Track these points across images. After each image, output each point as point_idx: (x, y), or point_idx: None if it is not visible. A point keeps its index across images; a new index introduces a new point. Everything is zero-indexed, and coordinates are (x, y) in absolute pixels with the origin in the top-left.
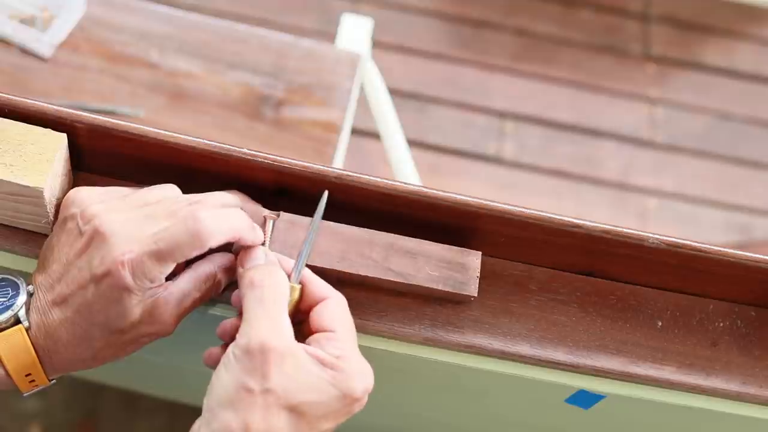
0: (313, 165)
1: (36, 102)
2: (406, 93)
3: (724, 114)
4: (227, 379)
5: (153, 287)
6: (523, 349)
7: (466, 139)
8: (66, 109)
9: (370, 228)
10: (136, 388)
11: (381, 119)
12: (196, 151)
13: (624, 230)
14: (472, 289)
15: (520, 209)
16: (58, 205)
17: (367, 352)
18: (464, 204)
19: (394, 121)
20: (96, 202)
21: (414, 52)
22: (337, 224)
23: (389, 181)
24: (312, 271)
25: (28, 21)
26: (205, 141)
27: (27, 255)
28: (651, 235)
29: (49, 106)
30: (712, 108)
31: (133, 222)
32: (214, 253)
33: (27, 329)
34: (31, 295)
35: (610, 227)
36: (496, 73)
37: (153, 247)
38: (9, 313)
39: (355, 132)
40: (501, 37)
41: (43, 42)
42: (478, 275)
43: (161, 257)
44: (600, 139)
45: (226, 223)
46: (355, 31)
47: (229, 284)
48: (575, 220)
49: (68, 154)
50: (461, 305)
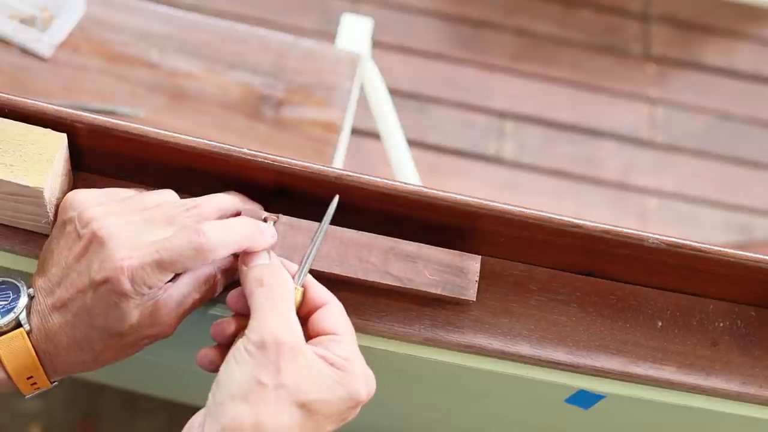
0: (313, 165)
1: (36, 102)
2: (406, 93)
3: (724, 114)
4: (240, 373)
5: (152, 292)
6: (523, 349)
7: (466, 139)
8: (66, 109)
9: (370, 228)
10: (135, 388)
11: (381, 119)
12: (196, 151)
13: (624, 230)
14: (471, 294)
15: (520, 209)
16: (58, 206)
17: (367, 352)
18: (464, 204)
19: (394, 121)
20: (94, 204)
21: (414, 52)
22: (336, 227)
23: (389, 181)
24: (311, 274)
25: (28, 21)
26: (205, 141)
27: (27, 255)
28: (651, 235)
29: (49, 106)
30: (712, 108)
31: (131, 226)
32: None
33: (28, 333)
34: (31, 297)
35: (610, 227)
36: (496, 73)
37: (155, 256)
38: (11, 316)
39: (355, 132)
40: (501, 37)
41: (43, 42)
42: (477, 279)
43: (162, 267)
44: (600, 139)
45: (232, 237)
46: (355, 31)
47: (229, 285)
48: (575, 220)
49: (68, 154)
50: (461, 304)
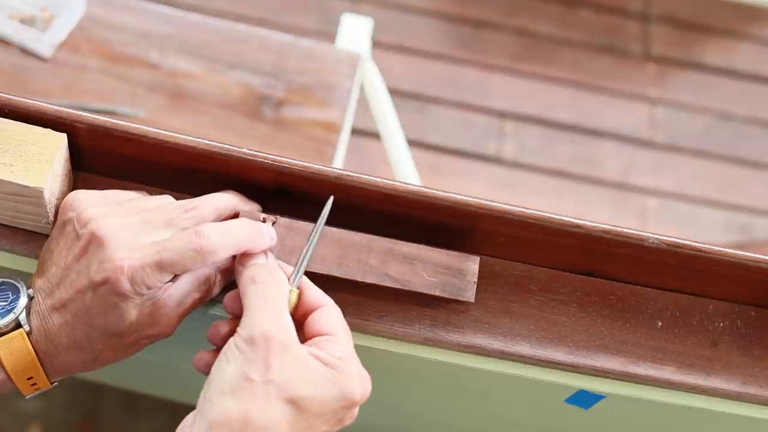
0: (313, 165)
1: (36, 102)
2: (406, 93)
3: (724, 114)
4: (228, 369)
5: (151, 292)
6: (523, 349)
7: (466, 139)
8: (66, 109)
9: (370, 228)
10: (136, 388)
11: (381, 119)
12: (196, 151)
13: (624, 230)
14: (470, 295)
15: (520, 209)
16: (59, 206)
17: (367, 352)
18: (464, 204)
19: (394, 121)
20: (93, 205)
21: (414, 52)
22: (334, 229)
23: (389, 181)
24: (309, 277)
25: (28, 21)
26: (205, 141)
27: (27, 255)
28: (651, 235)
29: (49, 106)
30: (712, 108)
31: (130, 227)
32: None
33: (28, 333)
34: (31, 298)
35: (610, 227)
36: (496, 73)
37: (156, 257)
38: (10, 317)
39: (355, 132)
40: (501, 37)
41: (43, 42)
42: (476, 281)
43: (162, 267)
44: (600, 139)
45: (232, 238)
46: (355, 31)
47: (228, 284)
48: (575, 220)
49: (68, 154)
50: (461, 304)
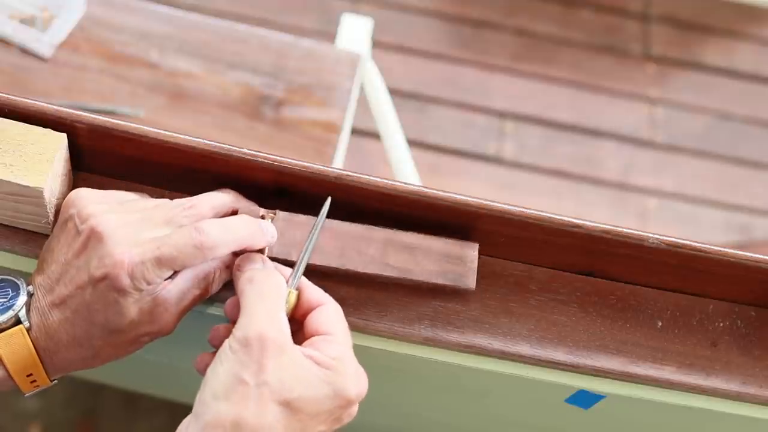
0: (313, 165)
1: (36, 102)
2: (406, 93)
3: (724, 114)
4: (222, 371)
5: (151, 288)
6: (523, 349)
7: (466, 139)
8: (66, 109)
9: None
10: (135, 387)
11: (381, 119)
12: (196, 151)
13: (624, 230)
14: (470, 282)
15: (520, 209)
16: (59, 205)
17: (366, 351)
18: (464, 204)
19: (394, 121)
20: (94, 202)
21: (414, 52)
22: (334, 221)
23: (389, 181)
24: (311, 270)
25: (28, 21)
26: (205, 141)
27: (27, 255)
28: (651, 235)
29: (49, 106)
30: (712, 108)
31: (130, 224)
32: None
33: (28, 330)
34: (31, 295)
35: (610, 227)
36: (496, 73)
37: (156, 253)
38: (10, 314)
39: (355, 132)
40: (501, 37)
41: (43, 42)
42: (476, 267)
43: (162, 263)
44: (600, 139)
45: (232, 235)
46: (355, 31)
47: (228, 282)
48: (575, 220)
49: (68, 154)
50: (461, 304)
